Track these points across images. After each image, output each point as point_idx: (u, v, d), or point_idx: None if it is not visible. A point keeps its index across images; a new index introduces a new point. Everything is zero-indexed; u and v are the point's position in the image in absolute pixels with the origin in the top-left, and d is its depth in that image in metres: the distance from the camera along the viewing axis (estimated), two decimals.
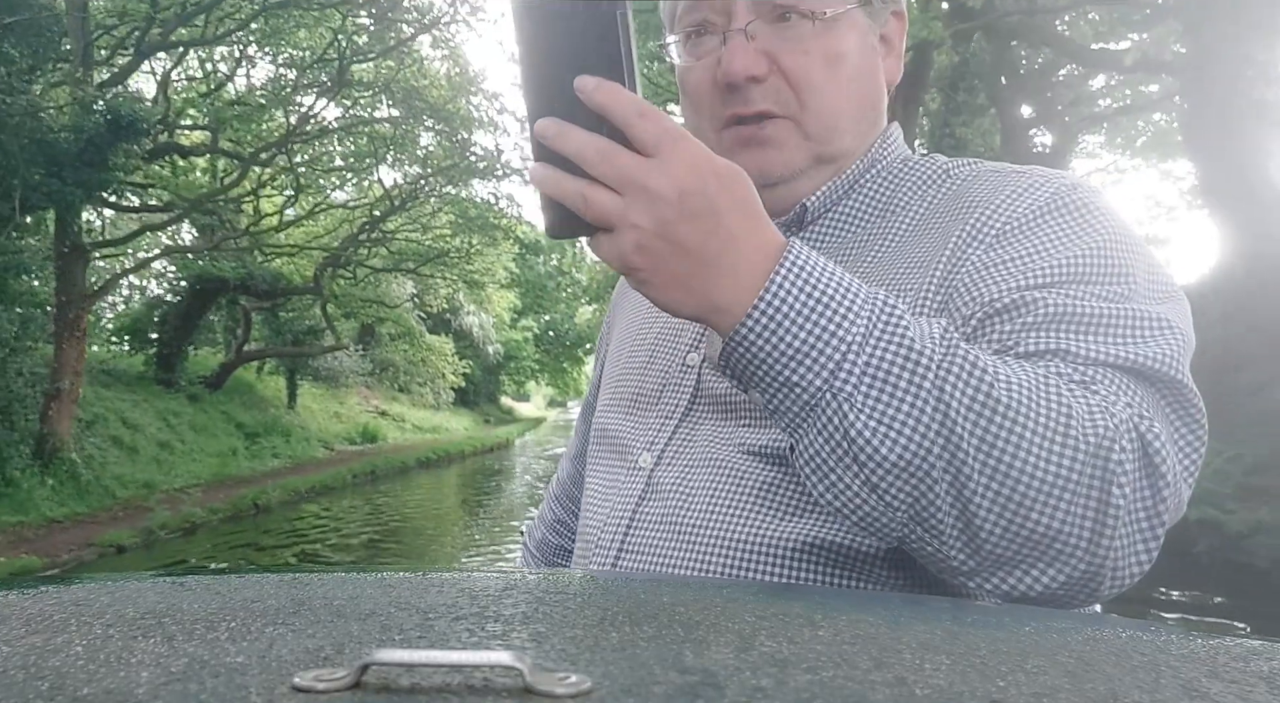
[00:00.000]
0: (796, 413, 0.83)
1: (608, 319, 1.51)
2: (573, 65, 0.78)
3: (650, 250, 0.79)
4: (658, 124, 0.79)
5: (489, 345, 44.48)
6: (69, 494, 14.83)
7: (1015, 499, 0.80)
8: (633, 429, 1.19)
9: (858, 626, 0.55)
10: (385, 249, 25.71)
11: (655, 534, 1.08)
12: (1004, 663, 0.49)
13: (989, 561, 0.83)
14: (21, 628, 0.52)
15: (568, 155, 0.79)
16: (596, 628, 0.53)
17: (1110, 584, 0.85)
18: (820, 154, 1.12)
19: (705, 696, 0.43)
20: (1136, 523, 0.83)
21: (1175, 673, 0.49)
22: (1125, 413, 0.84)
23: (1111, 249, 0.97)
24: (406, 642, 0.50)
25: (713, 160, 0.81)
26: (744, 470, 1.05)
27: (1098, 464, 0.81)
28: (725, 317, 0.82)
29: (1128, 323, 0.91)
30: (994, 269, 0.98)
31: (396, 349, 33.36)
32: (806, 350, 0.81)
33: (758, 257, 0.82)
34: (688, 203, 0.78)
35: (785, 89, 1.08)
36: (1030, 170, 1.08)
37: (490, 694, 0.43)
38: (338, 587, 0.61)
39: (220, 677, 0.46)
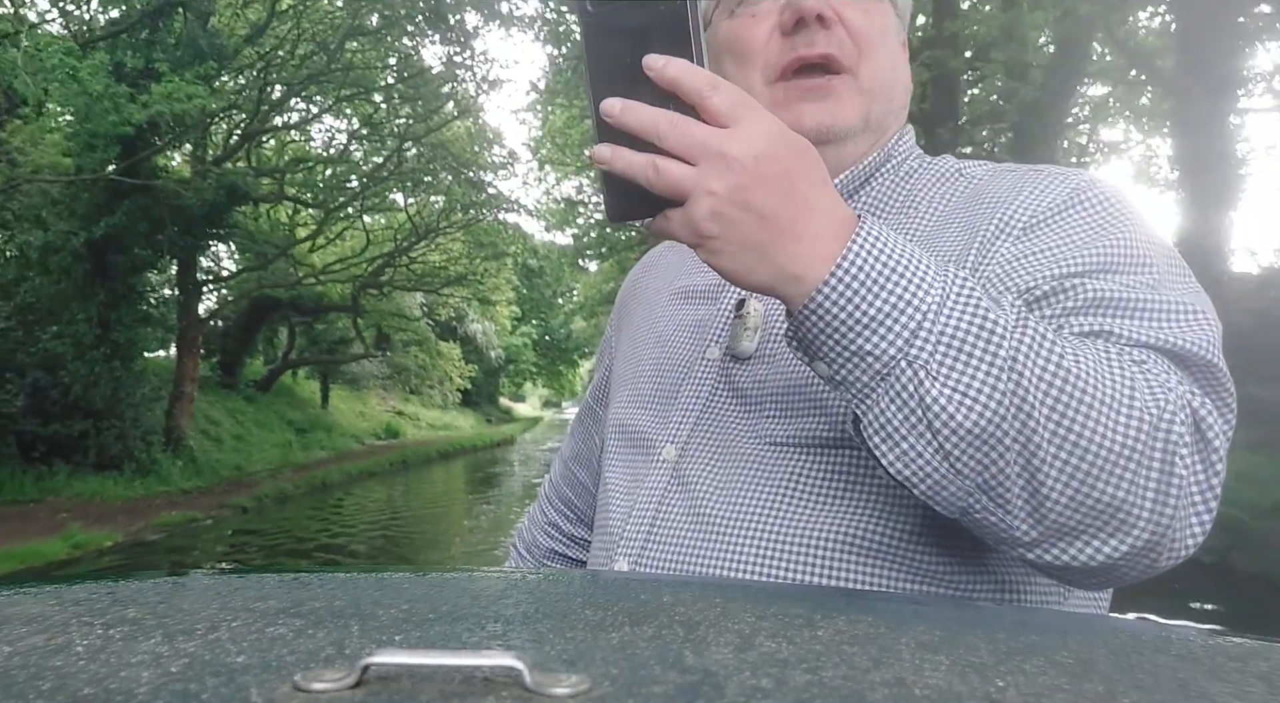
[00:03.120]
0: (866, 382, 0.83)
1: (612, 322, 1.52)
2: (640, 45, 0.80)
3: (725, 217, 0.80)
4: (730, 94, 0.80)
5: (491, 350, 45.74)
6: (191, 472, 19.69)
7: (1084, 469, 0.81)
8: (653, 423, 1.19)
9: (857, 626, 0.56)
10: (411, 272, 29.00)
11: (682, 526, 1.08)
12: (1003, 663, 0.50)
13: (1052, 530, 0.84)
14: (22, 628, 0.52)
15: (637, 130, 0.79)
16: (596, 628, 0.53)
17: (1167, 557, 0.86)
18: (869, 114, 1.15)
19: (705, 696, 0.44)
20: (1192, 496, 0.85)
21: (1175, 673, 0.49)
22: (1180, 389, 0.86)
23: (1137, 241, 0.99)
24: (407, 642, 0.51)
25: (785, 130, 0.82)
26: (769, 462, 1.06)
27: (1159, 435, 0.82)
28: (798, 285, 0.82)
29: (1165, 309, 0.93)
30: (1026, 260, 0.99)
31: (410, 355, 35.20)
32: (882, 318, 0.81)
33: (830, 225, 0.83)
34: (764, 167, 0.79)
35: (847, 40, 1.12)
36: (1046, 168, 1.10)
37: (490, 694, 0.43)
38: (338, 587, 0.62)
39: (221, 677, 0.46)
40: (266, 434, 25.22)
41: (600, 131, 0.81)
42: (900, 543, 0.98)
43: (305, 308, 27.66)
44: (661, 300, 1.34)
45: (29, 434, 16.28)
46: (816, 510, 1.01)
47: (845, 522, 1.00)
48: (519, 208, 27.00)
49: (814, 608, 0.60)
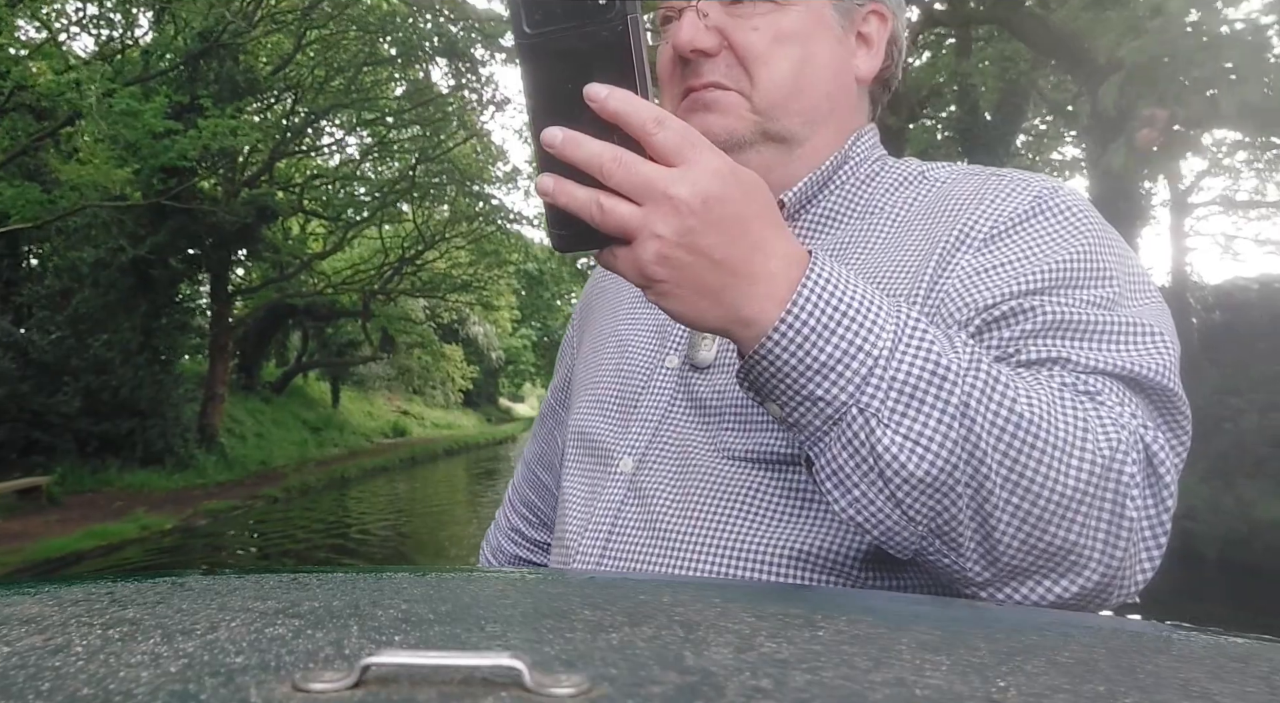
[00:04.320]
0: (819, 427, 0.76)
1: (575, 322, 1.37)
2: (581, 73, 0.69)
3: (673, 261, 0.71)
4: (677, 131, 0.70)
5: (492, 352, 45.29)
6: (223, 467, 19.83)
7: (1035, 513, 0.74)
8: (612, 433, 1.09)
9: (857, 626, 0.51)
10: (418, 278, 28.71)
11: (637, 541, 0.99)
12: (1004, 664, 0.45)
13: (1004, 572, 0.77)
14: (21, 628, 0.47)
15: (579, 163, 0.70)
16: (596, 628, 0.48)
17: (1119, 594, 0.79)
18: (767, 129, 1.02)
19: (705, 696, 0.39)
20: (1143, 533, 0.78)
21: (1175, 673, 0.44)
22: (1132, 423, 0.79)
23: (1098, 252, 0.91)
24: (407, 642, 0.46)
25: (736, 168, 0.73)
26: (726, 476, 0.97)
27: (1111, 478, 0.75)
28: (749, 329, 0.74)
29: (1122, 331, 0.86)
30: (985, 274, 0.90)
31: (414, 357, 34.81)
32: (833, 364, 0.73)
33: (782, 266, 0.74)
34: (713, 210, 0.70)
35: (735, 65, 1.00)
36: (1009, 173, 1.01)
37: (490, 695, 0.39)
38: (338, 587, 0.57)
39: (220, 677, 0.41)
40: (285, 432, 25.21)
41: (543, 161, 0.71)
42: (855, 562, 0.91)
43: (319, 313, 27.54)
44: (624, 302, 1.21)
45: (84, 432, 16.58)
46: (772, 527, 0.93)
47: (801, 538, 0.92)
48: (521, 219, 26.65)
49: (814, 608, 0.55)
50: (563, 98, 0.69)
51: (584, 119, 0.69)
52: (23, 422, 15.46)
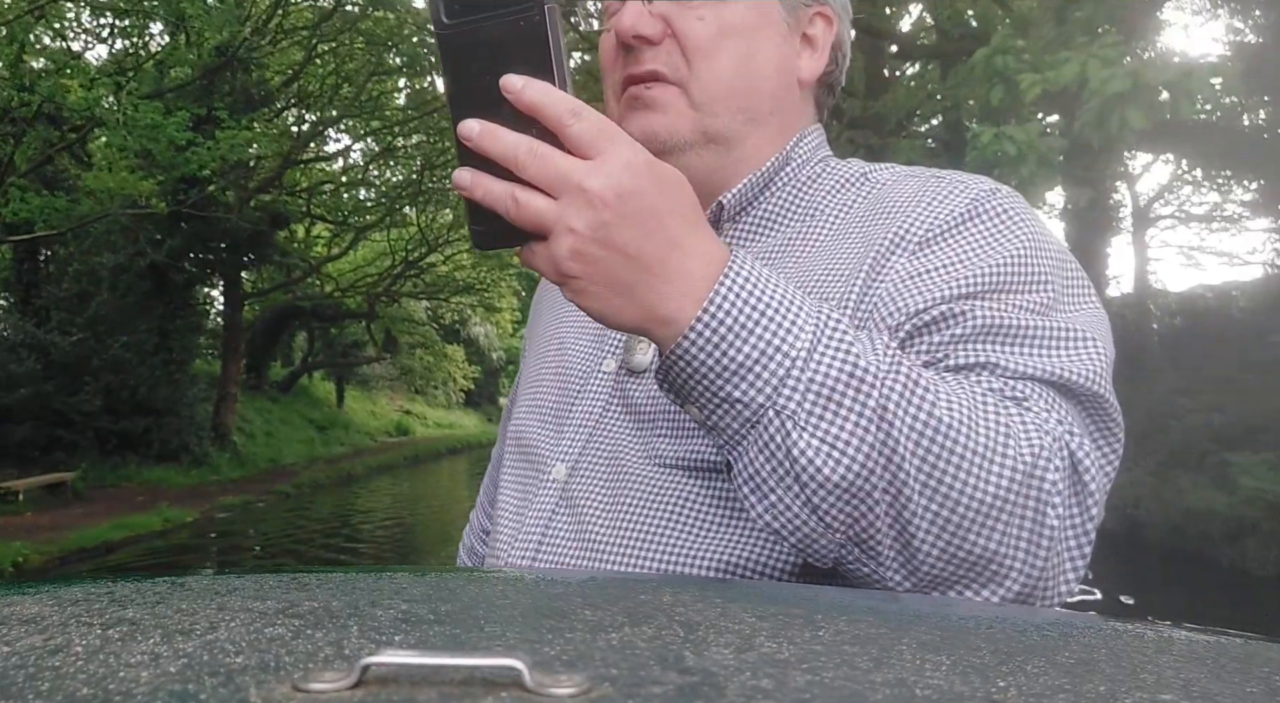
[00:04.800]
0: (736, 430, 0.71)
1: (529, 323, 1.29)
2: (498, 64, 0.66)
3: (587, 257, 0.67)
4: (593, 124, 0.67)
5: (493, 352, 44.70)
6: (236, 464, 19.86)
7: (954, 521, 0.70)
8: (547, 438, 1.02)
9: (858, 626, 0.49)
10: (422, 281, 28.58)
11: (567, 552, 0.94)
12: (1004, 664, 0.43)
13: (925, 581, 0.73)
14: (21, 628, 0.45)
15: (495, 156, 0.66)
16: (596, 628, 0.46)
17: (1042, 603, 0.75)
18: (707, 128, 0.96)
19: (705, 696, 0.37)
20: (1066, 542, 0.74)
21: (1176, 673, 0.42)
22: (1058, 430, 0.74)
23: (1033, 256, 0.86)
24: (407, 643, 0.43)
25: (653, 163, 0.69)
26: (659, 485, 0.91)
27: (1032, 485, 0.71)
28: (667, 328, 0.70)
29: (1053, 336, 0.81)
30: (918, 279, 0.85)
31: (416, 357, 34.43)
32: (750, 365, 0.69)
33: (701, 264, 0.70)
34: (627, 205, 0.66)
35: (677, 53, 0.94)
36: (949, 175, 0.95)
37: (490, 695, 0.37)
38: (338, 587, 0.54)
39: (219, 678, 0.39)
40: (292, 431, 25.16)
41: (462, 155, 0.67)
42: (785, 574, 0.86)
43: (325, 314, 27.29)
44: (567, 304, 1.11)
45: (104, 430, 16.66)
46: (702, 537, 0.87)
47: (731, 550, 0.86)
48: None
49: (814, 608, 0.53)
50: (481, 90, 0.66)
51: (502, 112, 0.66)
52: (46, 420, 15.55)
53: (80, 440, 16.01)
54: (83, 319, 16.60)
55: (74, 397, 15.82)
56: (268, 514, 16.23)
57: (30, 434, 15.34)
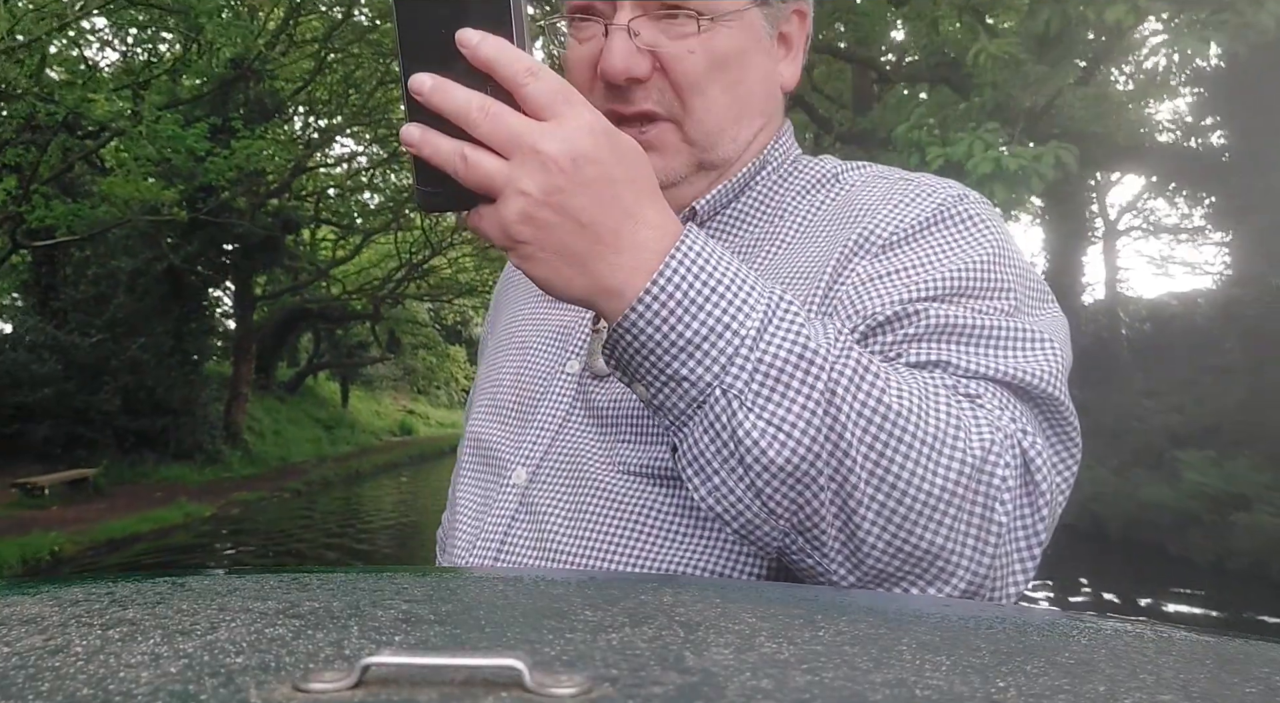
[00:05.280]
0: (683, 410, 0.67)
1: (489, 317, 1.20)
2: (456, 19, 0.61)
3: (537, 221, 0.62)
4: (551, 85, 0.62)
5: None
6: (247, 462, 19.72)
7: (901, 512, 0.66)
8: (507, 441, 0.96)
9: (858, 626, 0.47)
10: (426, 283, 28.27)
11: (527, 557, 0.88)
12: (1004, 664, 0.41)
13: (870, 576, 0.69)
14: (21, 628, 0.42)
15: (447, 112, 0.61)
16: (597, 629, 0.44)
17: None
18: (702, 160, 0.91)
19: (705, 697, 0.35)
20: (1015, 541, 0.70)
21: (1175, 673, 0.40)
22: (1010, 427, 0.70)
23: (995, 263, 0.81)
24: (407, 643, 0.41)
25: (610, 129, 0.64)
26: (621, 492, 0.86)
27: (981, 480, 0.67)
28: (615, 300, 0.65)
29: (1009, 337, 0.77)
30: (878, 282, 0.81)
31: (419, 358, 34.04)
32: (698, 342, 0.64)
33: (654, 236, 0.65)
34: (582, 170, 0.62)
35: (668, 90, 0.87)
36: (918, 179, 0.90)
37: (490, 695, 0.36)
38: (338, 587, 0.52)
39: (220, 678, 0.37)
40: (299, 430, 24.98)
41: (411, 111, 0.62)
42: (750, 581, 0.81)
43: (331, 316, 26.92)
44: (528, 301, 1.06)
45: (123, 428, 16.67)
46: (664, 546, 0.83)
47: (693, 560, 0.82)
48: None
49: (815, 609, 0.51)
50: (436, 45, 0.61)
51: (457, 69, 0.61)
52: (67, 419, 15.57)
53: (100, 438, 16.03)
54: (101, 321, 16.66)
55: (94, 396, 15.85)
56: (282, 510, 16.28)
57: (52, 432, 15.39)
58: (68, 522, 12.18)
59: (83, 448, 15.67)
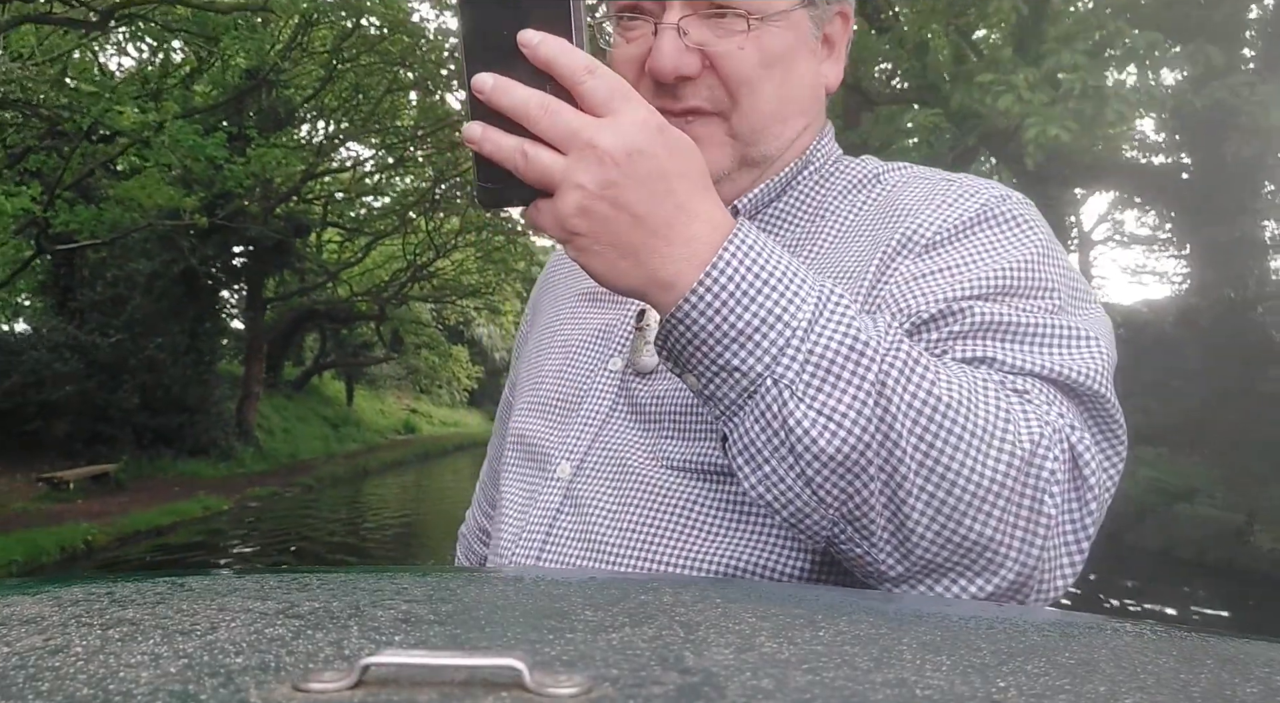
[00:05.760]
0: (734, 400, 0.65)
1: (526, 317, 1.18)
2: (517, 20, 0.61)
3: (594, 214, 0.62)
4: (607, 82, 0.62)
5: (496, 352, 43.68)
6: (259, 458, 19.47)
7: (950, 503, 0.64)
8: (551, 436, 0.94)
9: (858, 626, 0.45)
10: (430, 284, 27.71)
11: (571, 552, 0.87)
12: (1005, 664, 0.39)
13: (918, 567, 0.67)
14: (21, 628, 0.41)
15: (507, 110, 0.61)
16: (597, 629, 0.42)
17: (1036, 596, 0.69)
18: (746, 156, 0.89)
19: (706, 697, 0.34)
20: (1064, 535, 0.68)
21: (1175, 673, 0.39)
22: (1058, 422, 0.68)
23: (1039, 263, 0.79)
24: (407, 643, 0.40)
25: (665, 125, 0.64)
26: (665, 486, 0.84)
27: (1030, 472, 0.65)
28: (668, 292, 0.64)
29: (1055, 335, 0.75)
30: (922, 280, 0.79)
31: (422, 357, 33.70)
32: (750, 333, 0.63)
33: (706, 229, 0.64)
34: (637, 164, 0.61)
35: (718, 86, 0.85)
36: (960, 179, 0.88)
37: (490, 695, 0.34)
38: (338, 587, 0.51)
39: (220, 678, 0.36)
40: (307, 428, 24.50)
41: (473, 109, 0.62)
42: (791, 577, 0.79)
43: (338, 316, 26.35)
44: (569, 301, 1.05)
45: (141, 425, 16.60)
46: (708, 540, 0.81)
47: (736, 553, 0.80)
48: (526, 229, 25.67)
49: (815, 609, 0.49)
50: (497, 46, 0.62)
51: (517, 68, 0.61)
52: (87, 416, 15.55)
53: (119, 435, 15.99)
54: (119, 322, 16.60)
55: (113, 394, 15.79)
56: (295, 504, 16.29)
57: (73, 429, 15.37)
58: (94, 514, 12.27)
59: (103, 444, 15.66)
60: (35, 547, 10.52)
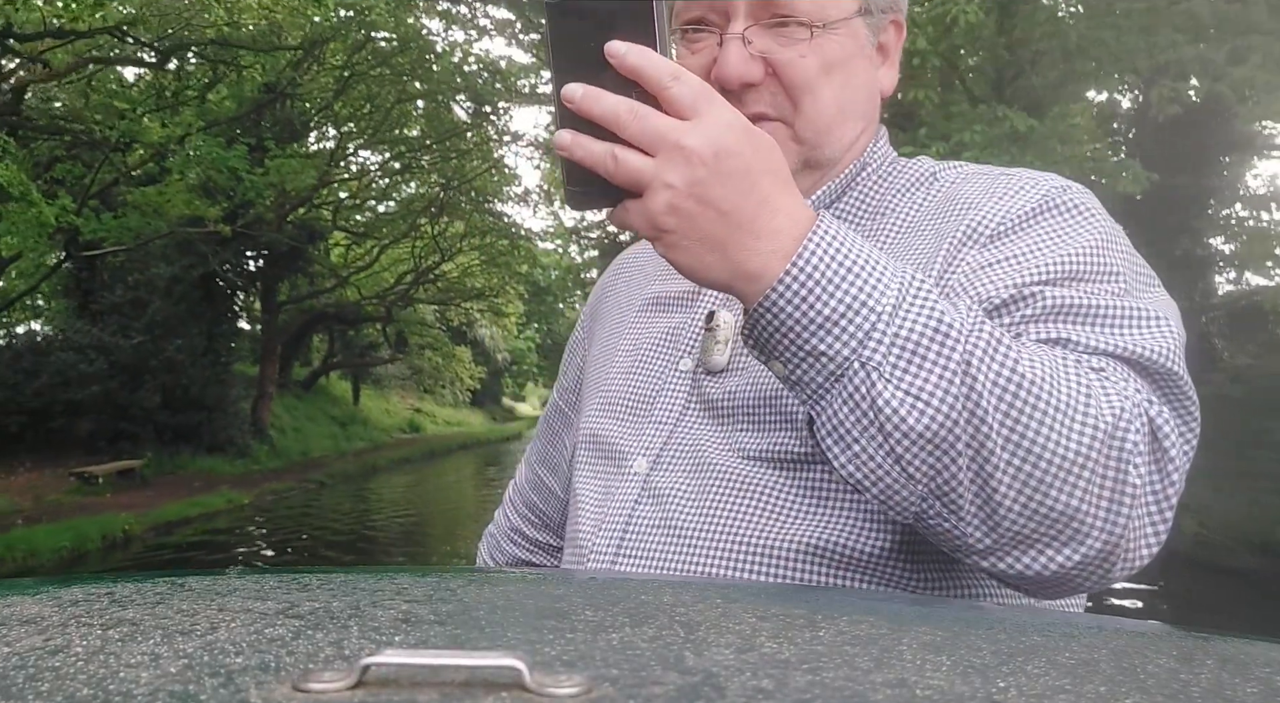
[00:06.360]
0: (820, 384, 0.65)
1: (583, 323, 1.18)
2: (603, 33, 0.62)
3: (683, 211, 0.62)
4: (692, 86, 0.62)
5: (498, 353, 43.24)
6: (272, 455, 19.37)
7: (1036, 476, 0.63)
8: (626, 435, 0.93)
9: (859, 626, 0.43)
10: (436, 287, 27.53)
11: (652, 539, 0.85)
12: (1005, 664, 0.37)
13: (1006, 539, 0.65)
14: (21, 628, 0.39)
15: (597, 117, 0.62)
16: (597, 629, 0.40)
17: (1122, 566, 0.68)
18: (809, 159, 0.89)
19: (706, 697, 0.32)
20: (1147, 506, 0.67)
21: (1175, 674, 0.37)
22: (1137, 396, 0.68)
23: (1104, 249, 0.78)
24: (407, 642, 0.38)
25: (748, 125, 0.64)
26: (741, 474, 0.83)
27: (1114, 443, 0.64)
28: (754, 283, 0.64)
29: (1125, 316, 0.73)
30: (990, 269, 0.78)
31: (426, 358, 33.42)
32: (836, 319, 0.63)
33: (789, 223, 0.64)
34: (723, 163, 0.62)
35: (780, 93, 0.85)
36: (1018, 172, 0.87)
37: (490, 695, 0.33)
38: (338, 587, 0.49)
39: (220, 678, 0.34)
40: (316, 427, 24.26)
41: (562, 118, 0.63)
42: (873, 558, 0.78)
43: (346, 318, 26.05)
44: (633, 307, 1.04)
45: (162, 424, 16.57)
46: (789, 523, 0.80)
47: (818, 534, 0.79)
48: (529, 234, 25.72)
49: (815, 609, 0.47)
50: (584, 57, 0.62)
51: (603, 78, 0.62)
52: (111, 415, 15.55)
53: (141, 433, 15.99)
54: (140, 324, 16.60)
55: (135, 394, 15.79)
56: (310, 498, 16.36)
57: (97, 427, 15.40)
58: (124, 506, 12.45)
59: (126, 441, 15.66)
60: (81, 534, 10.84)
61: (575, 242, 28.37)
